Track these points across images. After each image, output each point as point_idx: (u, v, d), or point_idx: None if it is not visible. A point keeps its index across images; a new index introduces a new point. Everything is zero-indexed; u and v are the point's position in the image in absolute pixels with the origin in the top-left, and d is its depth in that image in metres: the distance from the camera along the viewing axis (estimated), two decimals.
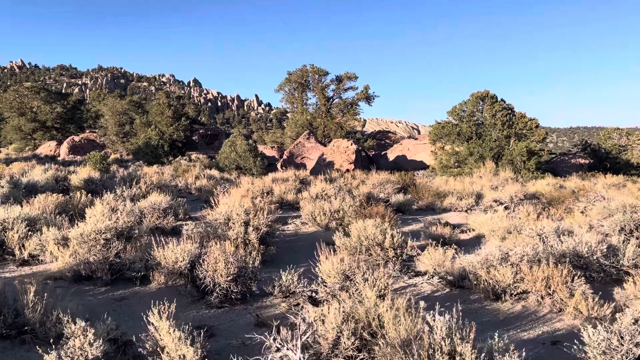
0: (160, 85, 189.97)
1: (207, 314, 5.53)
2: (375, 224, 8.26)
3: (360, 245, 8.30)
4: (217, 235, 7.50)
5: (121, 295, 6.12)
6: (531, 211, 12.70)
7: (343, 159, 37.37)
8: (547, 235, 7.69)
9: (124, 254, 6.62)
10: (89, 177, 15.16)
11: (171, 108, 50.09)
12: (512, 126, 32.88)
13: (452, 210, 14.67)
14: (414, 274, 7.21)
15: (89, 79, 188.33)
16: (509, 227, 9.25)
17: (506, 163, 30.06)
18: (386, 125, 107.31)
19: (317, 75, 47.33)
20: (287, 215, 13.27)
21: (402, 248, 8.12)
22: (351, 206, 11.37)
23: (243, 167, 35.40)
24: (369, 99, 46.96)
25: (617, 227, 9.28)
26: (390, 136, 51.86)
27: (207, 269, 5.55)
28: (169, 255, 5.90)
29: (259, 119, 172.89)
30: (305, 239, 10.28)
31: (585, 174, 32.42)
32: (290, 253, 8.86)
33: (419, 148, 40.09)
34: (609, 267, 6.93)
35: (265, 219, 7.95)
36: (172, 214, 10.28)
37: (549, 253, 6.79)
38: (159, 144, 46.05)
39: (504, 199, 13.91)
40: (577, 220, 10.75)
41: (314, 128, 46.88)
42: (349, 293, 5.03)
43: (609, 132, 44.16)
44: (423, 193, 16.07)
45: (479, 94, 34.51)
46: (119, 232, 6.90)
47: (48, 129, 60.93)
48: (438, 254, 6.96)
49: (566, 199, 14.41)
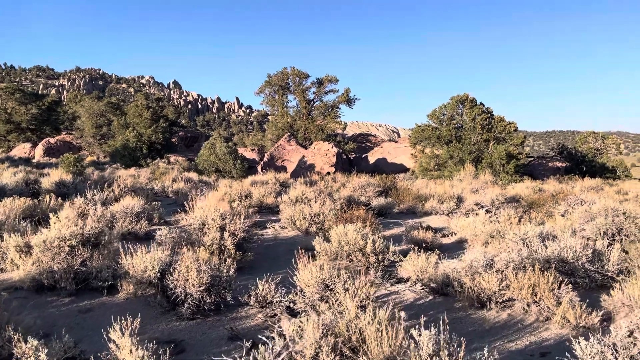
0: (140, 87, 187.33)
1: (178, 327, 5.19)
2: (357, 228, 8.00)
3: (341, 251, 8.04)
4: (191, 241, 7.15)
5: (86, 307, 5.73)
6: (512, 215, 12.62)
7: (324, 162, 37.14)
8: (531, 240, 7.53)
9: (90, 262, 6.23)
10: (61, 180, 14.60)
11: (150, 110, 49.23)
12: (491, 130, 33.08)
13: (433, 213, 14.53)
14: (396, 280, 6.96)
15: (66, 80, 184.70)
16: (492, 231, 9.10)
17: (485, 166, 30.21)
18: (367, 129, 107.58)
19: (298, 77, 47.07)
20: (266, 219, 12.94)
21: (384, 253, 7.89)
22: (332, 210, 11.11)
23: (223, 169, 34.90)
24: (349, 102, 46.86)
25: (599, 231, 9.19)
26: (371, 139, 51.86)
27: (178, 278, 5.20)
28: (138, 263, 5.53)
29: (240, 121, 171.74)
30: (284, 244, 9.97)
31: (563, 177, 32.80)
32: (269, 259, 8.54)
33: (399, 151, 40.10)
34: (594, 273, 6.79)
35: (242, 224, 7.62)
36: (145, 219, 9.87)
37: (534, 259, 6.62)
38: (137, 146, 45.18)
39: (485, 202, 13.82)
40: (559, 224, 10.66)
41: (295, 131, 46.57)
42: (329, 304, 4.75)
43: (585, 136, 44.84)
44: (404, 196, 15.91)
45: (458, 97, 34.65)
46: (85, 239, 6.50)
47: (23, 130, 59.39)
48: (421, 260, 6.74)
49: (546, 203, 14.39)
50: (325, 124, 46.12)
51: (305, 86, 47.54)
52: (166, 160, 45.41)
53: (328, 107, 47.08)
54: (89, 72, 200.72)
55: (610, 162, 41.36)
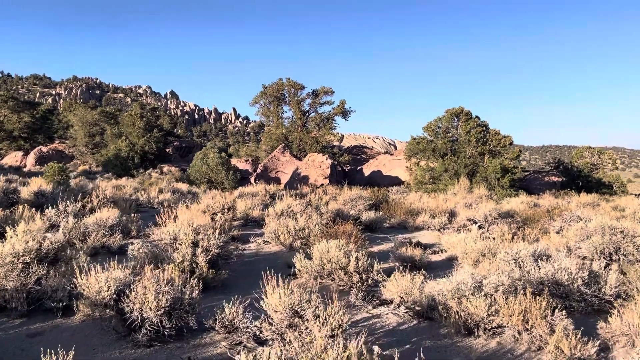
0: (137, 97, 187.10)
1: (133, 355, 4.69)
2: (339, 245, 7.55)
3: (323, 269, 7.57)
4: (159, 257, 6.67)
5: (36, 330, 5.24)
6: (506, 231, 12.19)
7: (318, 174, 36.71)
8: (523, 260, 7.09)
9: (46, 280, 5.75)
10: (39, 189, 14.11)
11: (143, 119, 48.77)
12: (487, 143, 32.77)
13: (424, 228, 14.08)
14: (379, 302, 6.49)
15: (63, 89, 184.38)
16: (483, 250, 8.65)
17: (480, 180, 29.82)
18: (363, 141, 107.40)
19: (293, 89, 46.81)
20: (251, 233, 12.47)
21: (368, 272, 7.43)
22: (317, 224, 10.65)
23: (215, 180, 34.39)
24: (345, 114, 46.60)
25: (595, 250, 8.77)
26: (367, 151, 51.54)
27: (134, 300, 4.73)
28: (92, 283, 5.06)
29: (237, 132, 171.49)
30: (265, 260, 9.49)
31: (559, 192, 32.42)
32: (246, 277, 8.06)
33: (394, 164, 39.74)
34: (590, 297, 6.34)
35: (217, 240, 7.15)
36: (120, 232, 9.39)
37: (526, 281, 6.17)
38: (129, 156, 44.67)
39: (477, 218, 13.38)
40: (554, 241, 10.24)
41: (290, 142, 46.20)
42: (297, 332, 4.28)
43: (581, 151, 44.64)
44: (395, 210, 15.46)
45: (453, 110, 34.38)
46: (43, 255, 6.02)
47: (15, 138, 58.81)
48: (405, 280, 6.28)
49: (541, 219, 13.97)
50: (320, 135, 45.77)
51: (300, 97, 47.28)
52: (159, 170, 44.90)
53: (323, 118, 46.78)
54: (86, 81, 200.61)
55: (607, 178, 41.10)
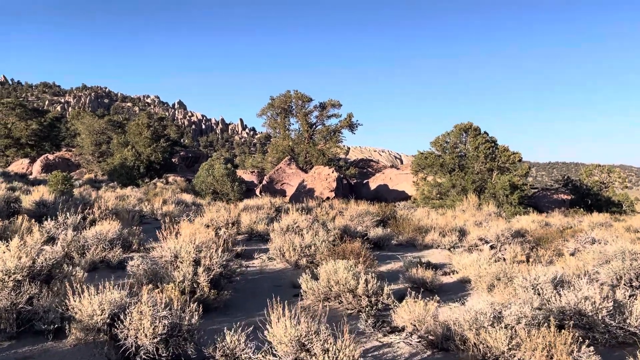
0: (145, 106, 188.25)
1: None
2: (347, 266, 7.20)
3: (330, 291, 7.22)
4: (159, 276, 6.34)
5: (25, 354, 4.91)
6: (519, 252, 11.80)
7: (324, 187, 36.38)
8: (542, 287, 6.71)
9: (38, 300, 5.43)
10: (41, 199, 13.86)
11: (150, 129, 48.74)
12: (495, 159, 32.37)
13: (434, 247, 13.70)
14: (389, 329, 6.12)
15: (72, 97, 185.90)
16: (498, 273, 8.26)
17: (489, 196, 29.37)
18: (369, 154, 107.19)
19: (301, 101, 46.74)
20: (256, 248, 12.13)
21: (378, 295, 7.07)
22: (324, 241, 10.30)
23: (220, 191, 34.13)
24: (352, 127, 46.41)
25: (615, 276, 8.36)
26: (373, 165, 51.22)
27: (129, 326, 4.40)
28: (85, 305, 4.74)
29: (243, 143, 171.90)
30: (270, 278, 9.14)
31: (568, 210, 31.89)
32: (250, 297, 7.71)
33: (401, 178, 39.35)
34: (615, 328, 5.95)
35: (220, 258, 6.82)
36: (120, 246, 9.08)
37: (548, 310, 5.79)
38: (135, 165, 44.57)
39: (489, 237, 12.99)
40: (570, 264, 9.82)
41: (296, 154, 46.00)
42: None
43: (590, 169, 44.07)
44: (404, 227, 15.09)
45: (462, 125, 34.06)
46: (36, 272, 5.71)
47: (22, 146, 58.97)
48: (418, 307, 5.91)
49: (554, 239, 13.56)
50: (327, 148, 45.56)
51: (307, 110, 47.18)
52: (164, 180, 44.76)
53: (330, 131, 46.60)
54: (95, 89, 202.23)
55: (616, 197, 40.52)
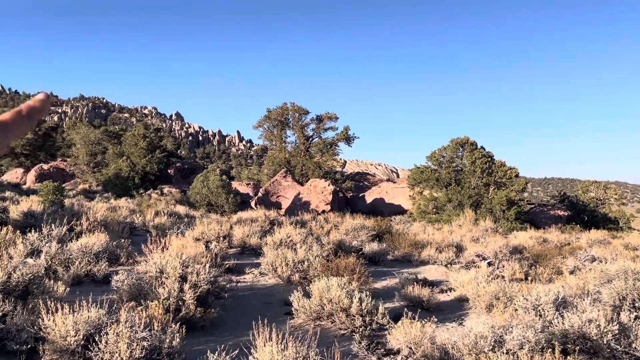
0: (142, 117, 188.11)
1: None
2: (341, 284, 6.91)
3: (322, 310, 6.92)
4: (142, 292, 6.03)
5: None
6: (517, 269, 11.53)
7: (320, 200, 36.11)
8: (544, 308, 6.43)
9: (12, 318, 5.12)
10: (29, 210, 13.54)
11: (146, 139, 48.48)
12: (492, 174, 32.23)
13: (430, 263, 13.40)
14: (384, 352, 5.82)
15: (69, 108, 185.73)
16: (497, 292, 7.98)
17: (485, 212, 29.16)
18: (366, 167, 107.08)
19: (297, 113, 46.64)
20: (248, 262, 11.81)
21: (372, 315, 6.77)
22: (317, 256, 10.01)
23: (215, 203, 33.80)
24: (348, 140, 46.27)
25: (617, 296, 8.09)
26: (369, 178, 51.00)
27: (104, 349, 4.10)
28: (59, 325, 4.43)
29: (240, 155, 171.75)
30: (261, 294, 8.83)
31: (565, 226, 31.69)
32: (239, 314, 7.40)
33: (397, 192, 39.14)
34: (621, 353, 5.67)
35: (208, 275, 6.53)
36: (106, 259, 8.76)
37: (550, 333, 5.52)
38: (130, 176, 44.23)
39: (487, 254, 12.73)
40: (570, 283, 9.56)
41: (292, 166, 45.77)
42: None
43: (586, 185, 43.99)
44: (400, 242, 14.81)
45: (458, 140, 33.96)
46: (12, 287, 5.40)
47: (16, 155, 58.57)
48: (415, 329, 5.62)
49: (553, 257, 13.30)
50: (323, 161, 45.36)
51: (304, 122, 47.07)
52: (159, 191, 44.37)
53: (327, 144, 46.44)
54: (92, 100, 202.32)
55: (613, 213, 40.42)
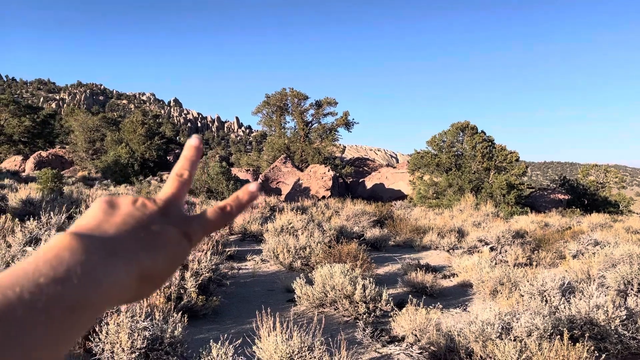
0: (140, 104, 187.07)
1: None
2: (344, 271, 6.82)
3: (325, 297, 6.85)
4: None
5: None
6: (520, 254, 11.47)
7: (319, 185, 36.00)
8: (549, 294, 6.36)
9: None
10: (28, 197, 13.43)
11: (145, 126, 48.21)
12: (492, 158, 32.09)
13: (432, 248, 13.36)
14: (388, 339, 5.76)
15: (67, 94, 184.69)
16: (501, 277, 7.91)
17: (486, 196, 29.08)
18: (365, 153, 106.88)
19: (297, 99, 46.30)
20: (249, 249, 11.75)
21: (376, 302, 6.69)
22: (319, 243, 9.93)
23: (214, 190, 33.69)
24: (348, 125, 46.01)
25: (622, 281, 8.03)
26: (369, 163, 50.83)
27: (104, 340, 4.01)
28: None
29: (239, 141, 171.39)
30: (262, 282, 8.76)
31: (565, 210, 31.65)
32: (241, 302, 7.33)
33: (397, 177, 39.02)
34: (628, 339, 5.60)
35: (209, 262, 6.44)
36: None
37: (557, 319, 5.44)
38: (129, 163, 44.07)
39: (489, 239, 12.65)
40: (573, 267, 9.50)
41: (292, 152, 45.57)
42: None
43: (587, 169, 43.83)
44: (401, 227, 14.74)
45: (459, 124, 33.74)
46: None
47: (15, 142, 58.30)
48: (419, 315, 5.55)
49: (555, 241, 13.24)
50: (323, 146, 45.15)
51: (303, 108, 46.74)
52: (159, 177, 44.23)
53: (326, 129, 46.18)
54: (90, 87, 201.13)
55: (613, 197, 40.35)
